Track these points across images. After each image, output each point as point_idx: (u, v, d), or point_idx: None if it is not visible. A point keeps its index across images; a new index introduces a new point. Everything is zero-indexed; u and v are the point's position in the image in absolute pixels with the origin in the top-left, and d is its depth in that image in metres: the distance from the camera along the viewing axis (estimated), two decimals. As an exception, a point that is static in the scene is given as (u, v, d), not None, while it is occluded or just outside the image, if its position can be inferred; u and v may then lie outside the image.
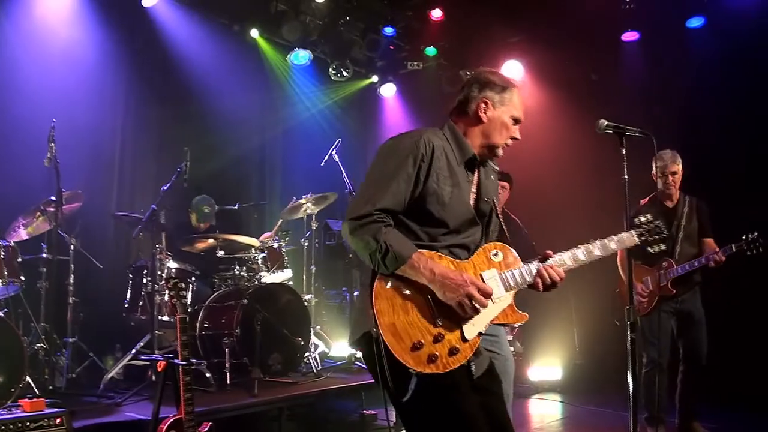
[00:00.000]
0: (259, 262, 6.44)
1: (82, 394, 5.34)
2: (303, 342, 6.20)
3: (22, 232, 5.68)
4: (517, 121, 2.76)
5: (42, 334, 5.40)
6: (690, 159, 5.30)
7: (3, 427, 3.77)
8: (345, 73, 9.04)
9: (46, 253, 5.66)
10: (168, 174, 6.02)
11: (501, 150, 2.76)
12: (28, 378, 4.69)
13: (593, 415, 6.44)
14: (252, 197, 8.54)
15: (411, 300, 2.48)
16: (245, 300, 5.86)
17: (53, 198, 5.38)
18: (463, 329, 2.50)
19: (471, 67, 2.90)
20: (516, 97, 2.76)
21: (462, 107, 2.77)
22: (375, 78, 9.77)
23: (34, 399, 4.06)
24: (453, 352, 2.46)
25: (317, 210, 7.19)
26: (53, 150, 5.26)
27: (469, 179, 2.72)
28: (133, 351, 5.68)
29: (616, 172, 3.26)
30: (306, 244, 7.35)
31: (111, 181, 7.32)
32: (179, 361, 3.89)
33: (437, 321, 2.47)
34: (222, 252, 6.41)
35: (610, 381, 6.51)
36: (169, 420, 3.81)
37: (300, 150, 9.19)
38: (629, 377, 3.09)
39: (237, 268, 6.34)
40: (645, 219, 2.98)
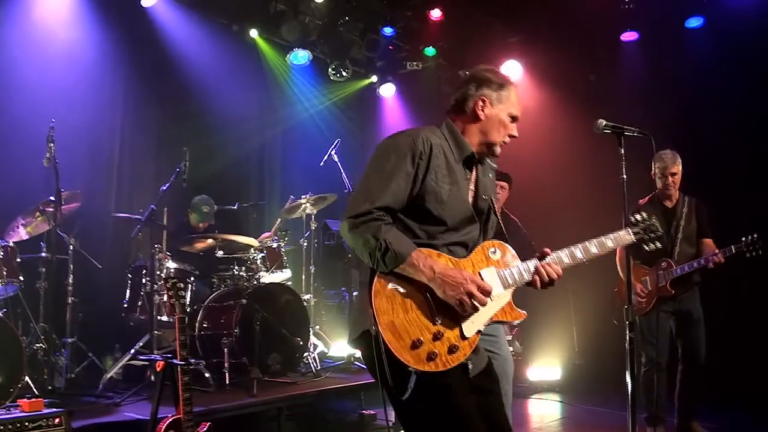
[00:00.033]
0: (258, 262, 6.44)
1: (81, 394, 5.34)
2: (302, 342, 6.20)
3: (21, 232, 5.67)
4: (515, 119, 2.77)
5: (41, 334, 5.40)
6: (690, 159, 5.29)
7: (2, 427, 3.77)
8: (344, 73, 9.04)
9: (45, 253, 5.65)
10: (167, 174, 6.02)
11: (499, 148, 2.77)
12: (27, 378, 4.69)
13: (592, 415, 6.45)
14: (251, 197, 8.56)
15: (410, 298, 2.48)
16: (244, 300, 5.85)
17: (52, 198, 5.37)
18: (462, 327, 2.50)
19: (470, 68, 2.90)
20: (513, 95, 2.76)
21: (459, 105, 2.77)
22: (374, 78, 9.76)
23: (32, 399, 4.05)
24: (452, 350, 2.46)
25: (316, 210, 7.19)
26: (52, 150, 5.25)
27: (467, 177, 2.72)
28: (132, 351, 5.67)
29: (614, 171, 3.27)
30: (305, 244, 7.35)
31: (110, 181, 7.32)
32: (178, 361, 3.89)
33: (436, 319, 2.47)
34: (221, 252, 6.41)
35: (609, 381, 6.50)
36: (168, 420, 3.80)
37: (299, 150, 9.20)
38: (628, 377, 3.09)
39: (236, 268, 6.34)
40: (641, 217, 2.99)
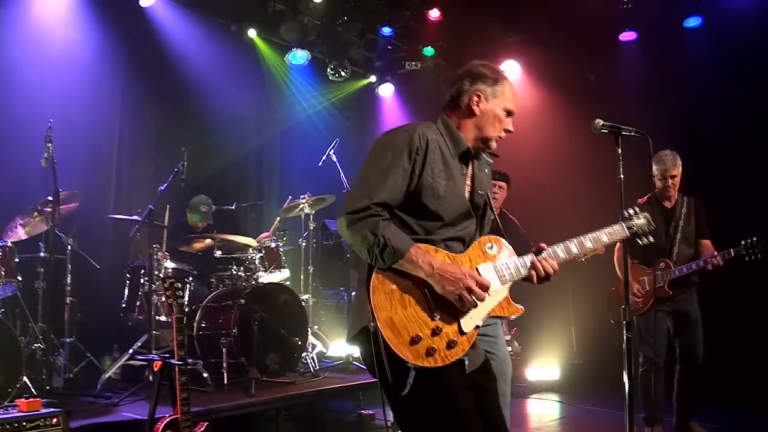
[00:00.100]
0: (257, 262, 6.44)
1: (79, 394, 5.33)
2: (300, 342, 6.19)
3: (19, 232, 5.67)
4: (510, 113, 2.77)
5: (39, 334, 5.39)
6: (689, 159, 5.29)
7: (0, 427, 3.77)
8: (343, 73, 9.05)
9: (43, 253, 5.65)
10: (165, 174, 6.03)
11: (494, 143, 2.78)
12: (25, 378, 4.69)
13: (591, 415, 6.45)
14: (250, 197, 8.56)
15: (408, 294, 2.48)
16: (242, 300, 5.85)
17: (50, 198, 5.38)
18: (461, 322, 2.51)
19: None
20: (508, 90, 2.77)
21: (455, 101, 2.79)
22: (373, 78, 9.77)
23: (30, 399, 4.04)
24: (451, 345, 2.47)
25: (314, 210, 7.19)
26: (50, 150, 5.26)
27: (464, 172, 2.73)
28: (130, 351, 5.67)
29: (613, 171, 3.27)
30: (303, 244, 7.34)
31: (108, 181, 7.32)
32: (175, 361, 3.89)
33: (435, 314, 2.48)
34: (219, 252, 6.41)
35: (607, 381, 6.50)
36: (166, 420, 3.81)
37: (298, 150, 9.20)
38: (625, 377, 3.09)
39: (234, 268, 6.34)
40: (634, 211, 2.99)
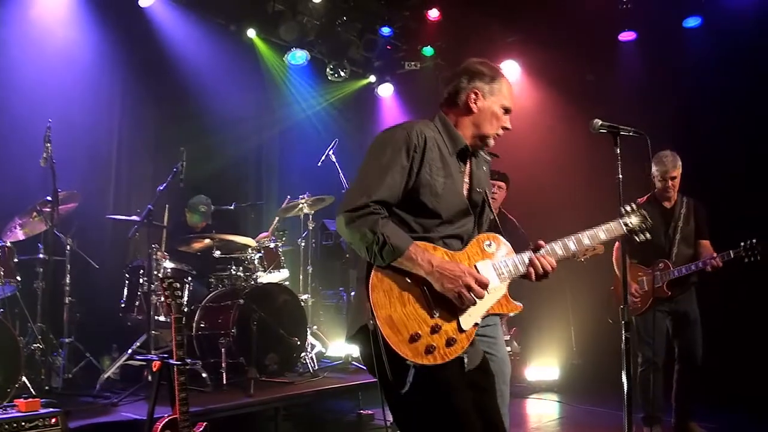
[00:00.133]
0: (256, 262, 6.44)
1: (78, 394, 5.33)
2: (299, 342, 6.19)
3: (18, 232, 5.68)
4: (508, 111, 2.78)
5: (38, 334, 5.39)
6: (688, 159, 5.29)
7: (-2, 427, 3.78)
8: (342, 74, 9.04)
9: (42, 254, 5.65)
10: (165, 174, 6.02)
11: (492, 140, 2.78)
12: (24, 378, 4.70)
13: (590, 415, 6.45)
14: (249, 197, 8.56)
15: (407, 292, 2.49)
16: (242, 300, 5.85)
17: (49, 198, 5.38)
18: (460, 320, 2.51)
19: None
20: (505, 87, 2.77)
21: (452, 98, 2.79)
22: (372, 78, 9.75)
23: (29, 399, 4.04)
24: (450, 342, 2.47)
25: (313, 210, 7.19)
26: (49, 150, 5.26)
27: (461, 170, 2.73)
28: (129, 351, 5.66)
29: (612, 171, 3.26)
30: (303, 244, 7.34)
31: (107, 182, 7.32)
32: (174, 361, 3.89)
33: (434, 312, 2.48)
34: (218, 252, 6.41)
35: (607, 381, 6.50)
36: (164, 420, 3.81)
37: (297, 150, 9.21)
38: (624, 377, 3.09)
39: (233, 268, 6.33)
40: (631, 208, 2.99)
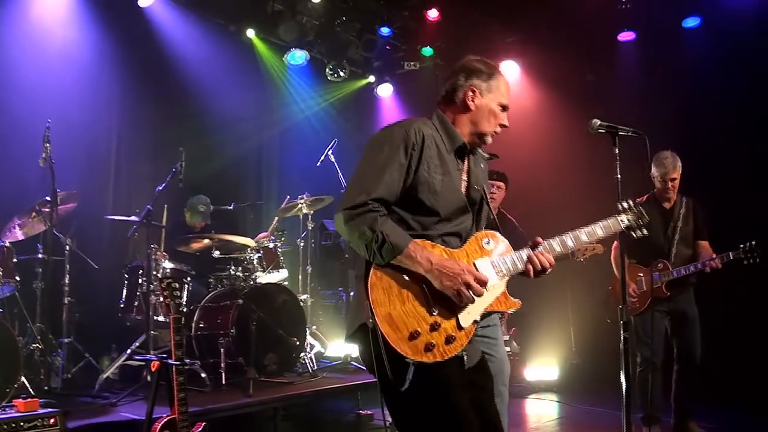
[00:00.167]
0: (255, 262, 6.44)
1: (77, 394, 5.34)
2: (298, 342, 6.19)
3: (17, 232, 5.68)
4: (505, 108, 2.78)
5: (37, 334, 5.40)
6: (688, 159, 5.29)
7: (-3, 427, 3.78)
8: (342, 74, 9.04)
9: (41, 254, 5.65)
10: (164, 174, 6.01)
11: (490, 137, 2.78)
12: (23, 378, 4.69)
13: (589, 415, 6.45)
14: (249, 197, 8.56)
15: (406, 289, 2.49)
16: (241, 300, 5.84)
17: (48, 198, 5.38)
18: (459, 317, 2.52)
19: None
20: (503, 84, 2.78)
21: (449, 96, 2.79)
22: (372, 78, 9.75)
23: (28, 399, 4.04)
24: (449, 340, 2.48)
25: (312, 210, 7.19)
26: (48, 150, 5.25)
27: (459, 167, 2.74)
28: (129, 351, 5.66)
29: (610, 171, 3.26)
30: (302, 244, 7.34)
31: (107, 182, 7.32)
32: (173, 361, 3.89)
33: (433, 310, 2.48)
34: (218, 252, 6.41)
35: (606, 381, 6.47)
36: (163, 420, 3.81)
37: (297, 150, 9.21)
38: (622, 377, 3.09)
39: (233, 268, 6.33)
40: (628, 204, 2.99)
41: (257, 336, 5.63)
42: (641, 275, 5.22)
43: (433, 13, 8.57)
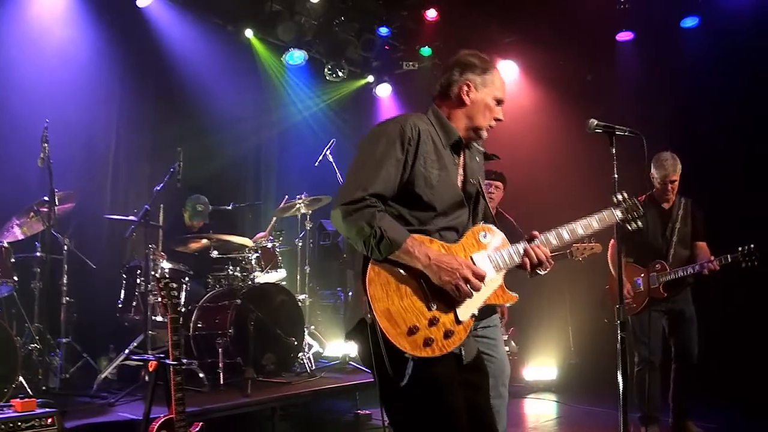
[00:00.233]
0: (253, 262, 6.43)
1: (75, 394, 5.34)
2: (297, 342, 6.18)
3: (16, 232, 5.68)
4: (500, 102, 2.78)
5: (35, 334, 5.40)
6: (686, 159, 5.28)
7: (-5, 427, 3.77)
8: (340, 74, 9.05)
9: (39, 253, 5.64)
10: (162, 174, 6.01)
11: (485, 132, 2.79)
12: (21, 378, 4.69)
13: (588, 415, 6.45)
14: (247, 198, 8.55)
15: (405, 284, 2.49)
16: (239, 300, 5.84)
17: (46, 198, 5.37)
18: (457, 312, 2.52)
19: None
20: (497, 78, 2.78)
21: (444, 91, 2.79)
22: (371, 78, 9.76)
23: (25, 399, 4.04)
24: (448, 334, 2.48)
25: (311, 210, 7.19)
26: (46, 150, 5.25)
27: (456, 162, 2.74)
28: (127, 351, 5.66)
29: (609, 171, 3.26)
30: (300, 244, 7.34)
31: (105, 182, 7.31)
32: (170, 361, 3.89)
33: (431, 305, 2.49)
34: (216, 252, 6.40)
35: (605, 380, 6.43)
36: (160, 420, 3.80)
37: (295, 151, 9.20)
38: (619, 376, 3.09)
39: (231, 268, 6.33)
40: (623, 197, 2.99)
41: (255, 336, 5.63)
42: (638, 276, 5.22)
43: (432, 13, 8.57)
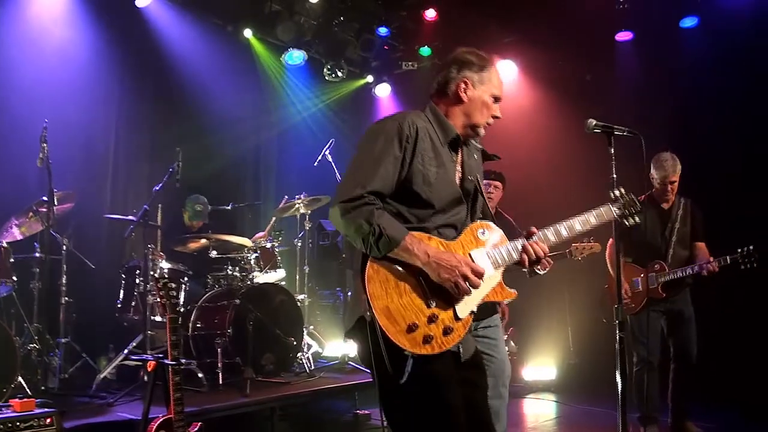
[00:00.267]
0: (252, 262, 6.43)
1: (74, 394, 5.34)
2: (296, 342, 6.17)
3: (15, 232, 5.68)
4: (498, 99, 2.79)
5: (35, 334, 5.40)
6: (685, 159, 5.28)
7: (-7, 427, 3.77)
8: (339, 74, 9.04)
9: (38, 254, 5.64)
10: (161, 174, 6.01)
11: (483, 129, 2.79)
12: (20, 378, 4.69)
13: (587, 415, 6.45)
14: (247, 198, 8.56)
15: (404, 282, 2.49)
16: (238, 300, 5.84)
17: (45, 198, 5.37)
18: (456, 309, 2.53)
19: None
20: (495, 76, 2.78)
21: (442, 88, 2.79)
22: (370, 78, 9.76)
23: (24, 399, 4.04)
24: (447, 331, 2.48)
25: (310, 210, 7.19)
26: (45, 150, 5.25)
27: (453, 159, 2.74)
28: (126, 351, 5.66)
29: (608, 171, 3.26)
30: (299, 244, 7.34)
31: (104, 182, 7.31)
32: (169, 361, 3.88)
33: (430, 302, 2.49)
34: (215, 252, 6.40)
35: (604, 381, 6.43)
36: (159, 420, 3.80)
37: (294, 151, 9.20)
38: (618, 376, 3.09)
39: (230, 268, 6.33)
40: (620, 193, 2.99)
41: (254, 336, 5.63)
42: (637, 276, 5.22)
43: (431, 13, 8.57)
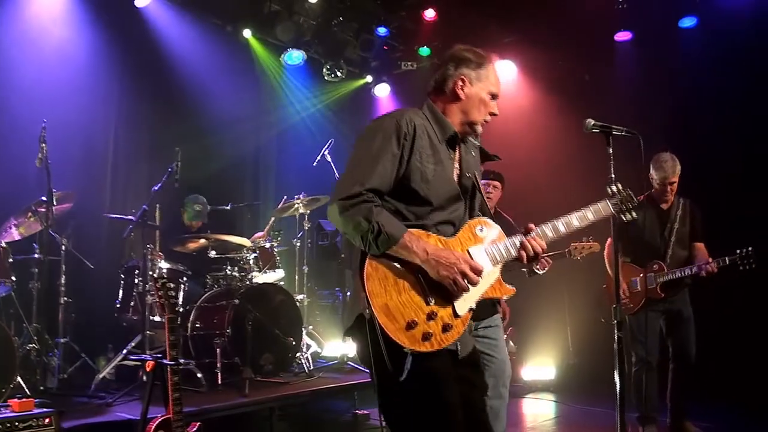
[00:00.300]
0: (251, 262, 6.43)
1: (73, 394, 5.33)
2: (295, 342, 6.18)
3: (14, 232, 5.67)
4: (495, 97, 2.79)
5: (34, 334, 5.40)
6: (685, 159, 5.28)
7: (-8, 427, 3.77)
8: (339, 74, 9.05)
9: (37, 254, 5.64)
10: (160, 174, 6.00)
11: (480, 126, 2.79)
12: (19, 378, 4.69)
13: (586, 415, 6.45)
14: (246, 198, 8.55)
15: (403, 279, 2.50)
16: (237, 300, 5.84)
17: (44, 198, 5.37)
18: (455, 306, 2.53)
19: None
20: (492, 73, 2.78)
21: (439, 86, 2.79)
22: (369, 78, 9.76)
23: (23, 399, 4.04)
24: (446, 328, 2.49)
25: (309, 210, 7.18)
26: (44, 150, 5.25)
27: (451, 156, 2.75)
28: (125, 351, 5.65)
29: (607, 171, 3.26)
30: (298, 244, 7.34)
31: (103, 182, 7.32)
32: (167, 361, 3.88)
33: (429, 299, 2.50)
34: (214, 252, 6.40)
35: (603, 380, 6.44)
36: (157, 420, 3.80)
37: (293, 151, 9.20)
38: (616, 376, 3.09)
39: (229, 268, 6.33)
40: (617, 188, 3.00)
41: (253, 336, 5.62)
42: (636, 276, 5.21)
43: (430, 13, 8.57)
